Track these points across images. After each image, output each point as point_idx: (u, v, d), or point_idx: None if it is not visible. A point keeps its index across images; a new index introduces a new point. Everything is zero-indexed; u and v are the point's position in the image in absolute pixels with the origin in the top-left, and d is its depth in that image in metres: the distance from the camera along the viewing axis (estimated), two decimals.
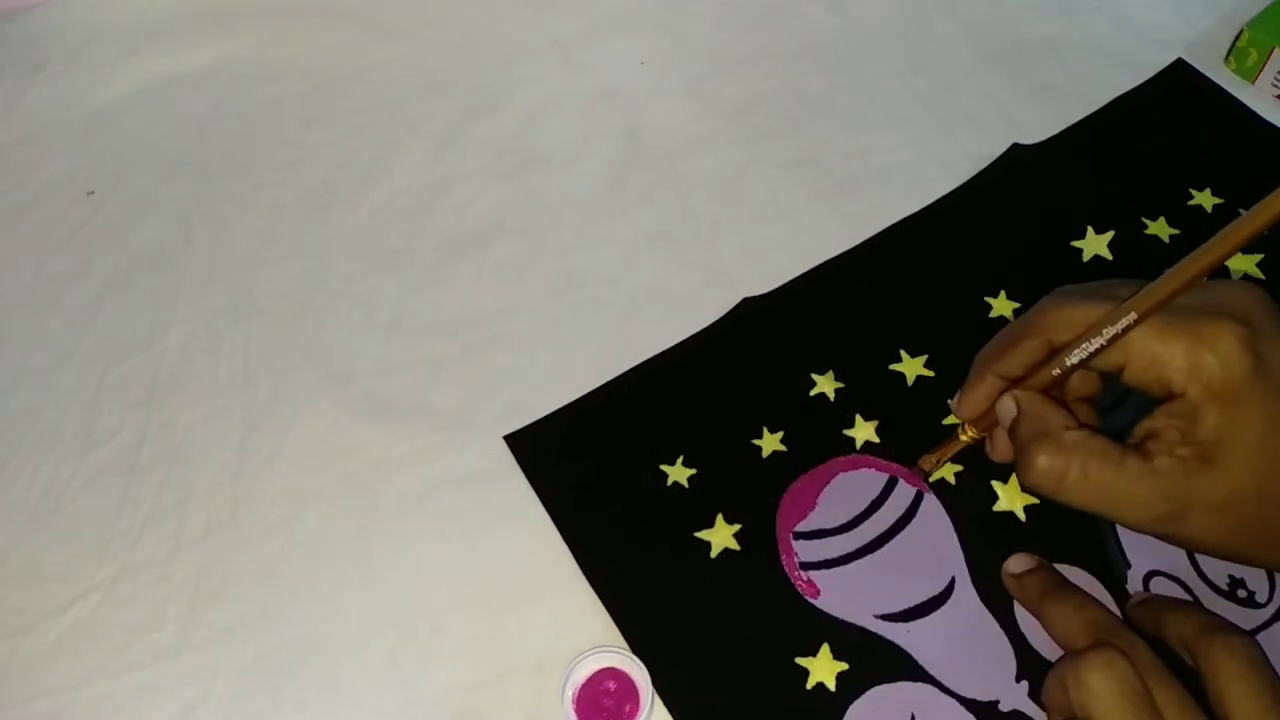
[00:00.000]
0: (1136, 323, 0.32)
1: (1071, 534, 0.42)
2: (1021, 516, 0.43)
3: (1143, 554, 0.42)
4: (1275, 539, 0.32)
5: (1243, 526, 0.32)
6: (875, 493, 0.44)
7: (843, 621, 0.41)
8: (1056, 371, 0.35)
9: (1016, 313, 0.49)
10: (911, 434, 0.44)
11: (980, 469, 0.44)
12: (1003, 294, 0.49)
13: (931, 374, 0.47)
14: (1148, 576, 0.41)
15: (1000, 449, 0.37)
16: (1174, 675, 0.34)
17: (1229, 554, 0.34)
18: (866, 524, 0.43)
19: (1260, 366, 0.31)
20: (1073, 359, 0.34)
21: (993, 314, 0.49)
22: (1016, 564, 0.40)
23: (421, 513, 0.46)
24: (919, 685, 0.39)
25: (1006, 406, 0.36)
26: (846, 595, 0.42)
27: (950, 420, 0.45)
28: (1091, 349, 0.34)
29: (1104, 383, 0.38)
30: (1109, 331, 0.33)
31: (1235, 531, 0.32)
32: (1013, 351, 0.36)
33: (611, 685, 0.40)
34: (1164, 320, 0.33)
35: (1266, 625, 0.40)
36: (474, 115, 0.60)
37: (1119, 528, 0.42)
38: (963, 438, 0.40)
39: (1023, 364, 0.36)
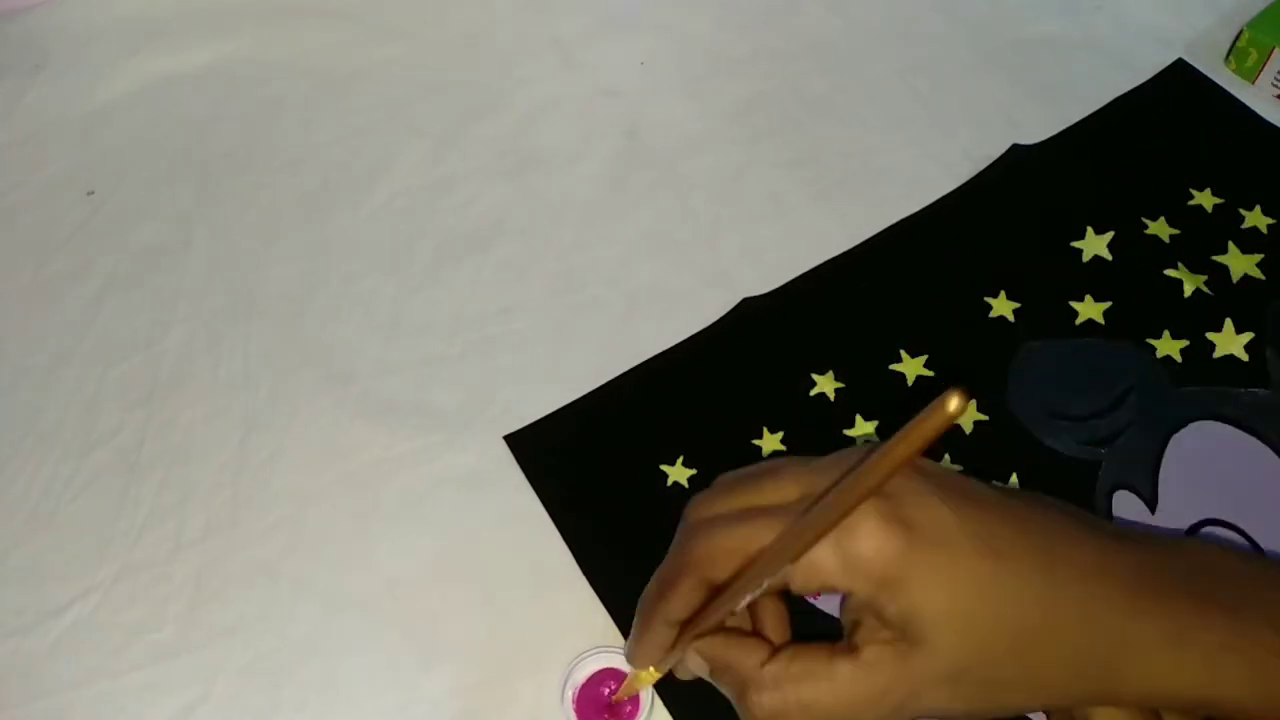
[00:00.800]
0: (797, 555, 0.29)
1: None
2: None
3: None
4: (1018, 689, 0.30)
5: (979, 690, 0.29)
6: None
7: (837, 620, 0.41)
8: (722, 615, 0.32)
9: (1016, 313, 0.49)
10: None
11: (978, 470, 0.44)
12: (1003, 294, 0.49)
13: (931, 374, 0.47)
14: None
15: (689, 666, 0.34)
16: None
17: (980, 717, 0.30)
18: None
19: (911, 534, 0.28)
20: (737, 603, 0.31)
21: (992, 314, 0.49)
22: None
23: (421, 513, 0.46)
24: None
25: (695, 662, 0.33)
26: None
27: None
28: (752, 595, 0.30)
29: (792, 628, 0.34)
30: (766, 578, 0.30)
31: (973, 696, 0.29)
32: (672, 595, 0.32)
33: (611, 685, 0.40)
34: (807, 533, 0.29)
35: None
36: (474, 115, 0.60)
37: None
38: (644, 676, 0.37)
39: (686, 606, 0.32)
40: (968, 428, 0.46)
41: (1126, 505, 0.43)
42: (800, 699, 0.30)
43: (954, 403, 0.23)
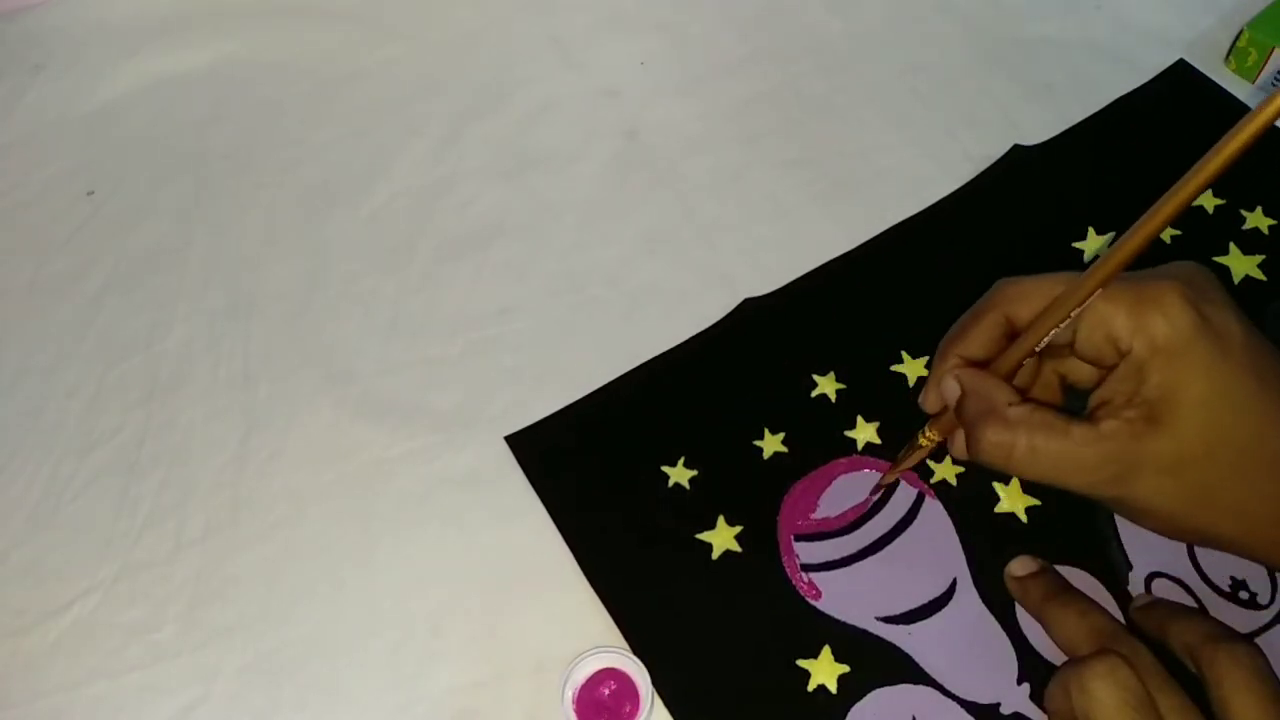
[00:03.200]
0: (1094, 293, 0.32)
1: (1073, 535, 0.42)
2: (1023, 518, 0.43)
3: (1144, 556, 0.42)
4: (1224, 506, 0.32)
5: (1191, 491, 0.31)
6: (876, 493, 0.44)
7: (844, 623, 0.41)
8: (1021, 355, 0.34)
9: None
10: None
11: (981, 471, 0.44)
12: None
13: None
14: (1149, 578, 0.41)
15: (959, 446, 0.36)
16: (1177, 683, 0.34)
17: (1179, 522, 0.33)
18: (868, 526, 0.43)
19: (1204, 326, 0.31)
20: (1031, 345, 0.34)
21: None
22: (1020, 567, 0.40)
23: (421, 513, 0.46)
24: (920, 688, 0.39)
25: (950, 386, 0.35)
26: (848, 597, 0.42)
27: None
28: (1055, 328, 0.33)
29: (1064, 395, 0.37)
30: (1069, 308, 0.32)
31: (1184, 496, 0.32)
32: (973, 330, 0.35)
33: (611, 685, 0.40)
34: (1111, 285, 0.32)
35: (1268, 627, 0.40)
36: (474, 115, 0.60)
37: (1120, 530, 0.42)
38: (923, 441, 0.39)
39: (983, 342, 0.35)
40: None
41: None
42: (1030, 441, 0.32)
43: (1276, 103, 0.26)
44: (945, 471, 0.44)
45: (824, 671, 0.40)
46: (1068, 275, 0.34)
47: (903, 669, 0.40)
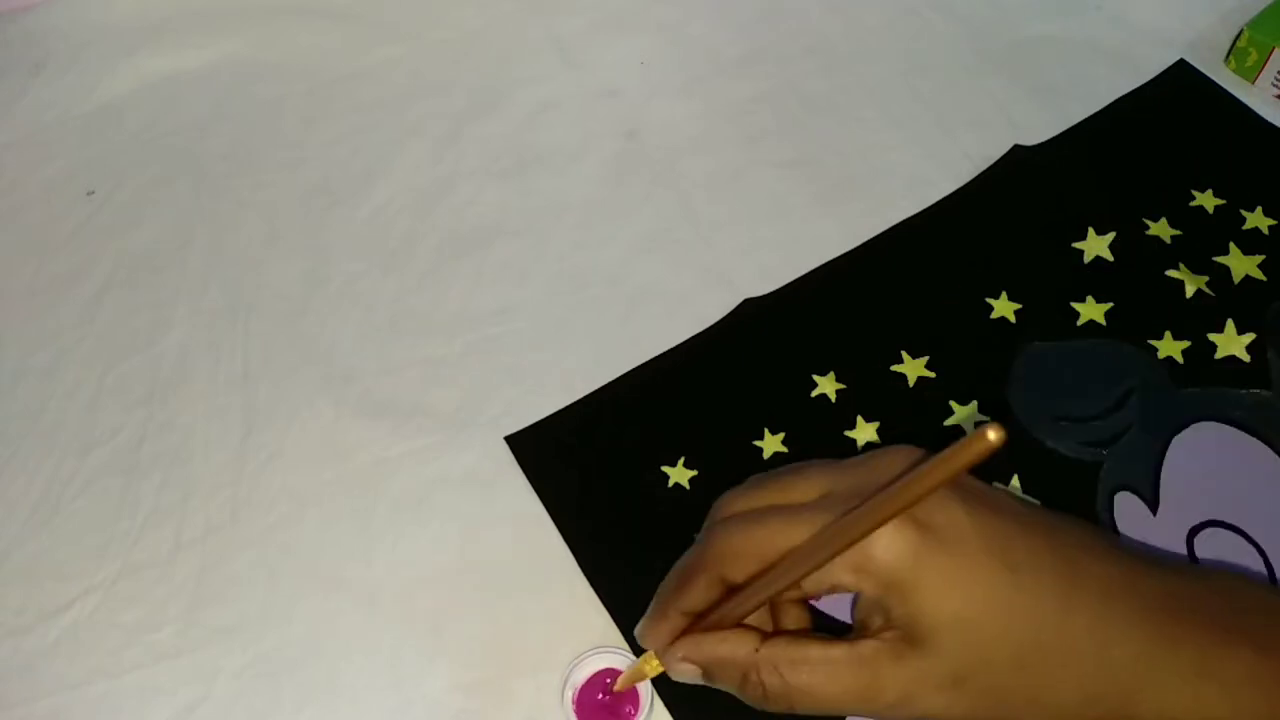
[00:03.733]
0: (811, 570, 0.29)
1: None
2: None
3: None
4: (1024, 705, 0.29)
5: (982, 700, 0.29)
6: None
7: (844, 624, 0.41)
8: (742, 613, 0.32)
9: (1018, 314, 0.49)
10: (913, 435, 0.44)
11: (981, 471, 0.44)
12: (1004, 295, 0.49)
13: (933, 375, 0.47)
14: None
15: (682, 672, 0.33)
16: None
17: None
18: None
19: (926, 537, 0.28)
20: (750, 606, 0.31)
21: (994, 315, 0.49)
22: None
23: (421, 513, 0.46)
24: None
25: (689, 672, 0.33)
26: (847, 597, 0.42)
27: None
28: (765, 599, 0.31)
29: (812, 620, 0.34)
30: (780, 585, 0.30)
31: (977, 707, 0.29)
32: (689, 589, 0.32)
33: (611, 685, 0.40)
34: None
35: None
36: (474, 115, 0.60)
37: (1120, 531, 0.42)
38: (648, 667, 0.36)
39: (701, 600, 0.32)
40: (969, 429, 0.46)
41: (1128, 507, 0.43)
42: (799, 682, 0.30)
43: (993, 434, 0.23)
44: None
45: None
46: (784, 523, 0.30)
47: None
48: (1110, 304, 0.49)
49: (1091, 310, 0.48)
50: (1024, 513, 0.30)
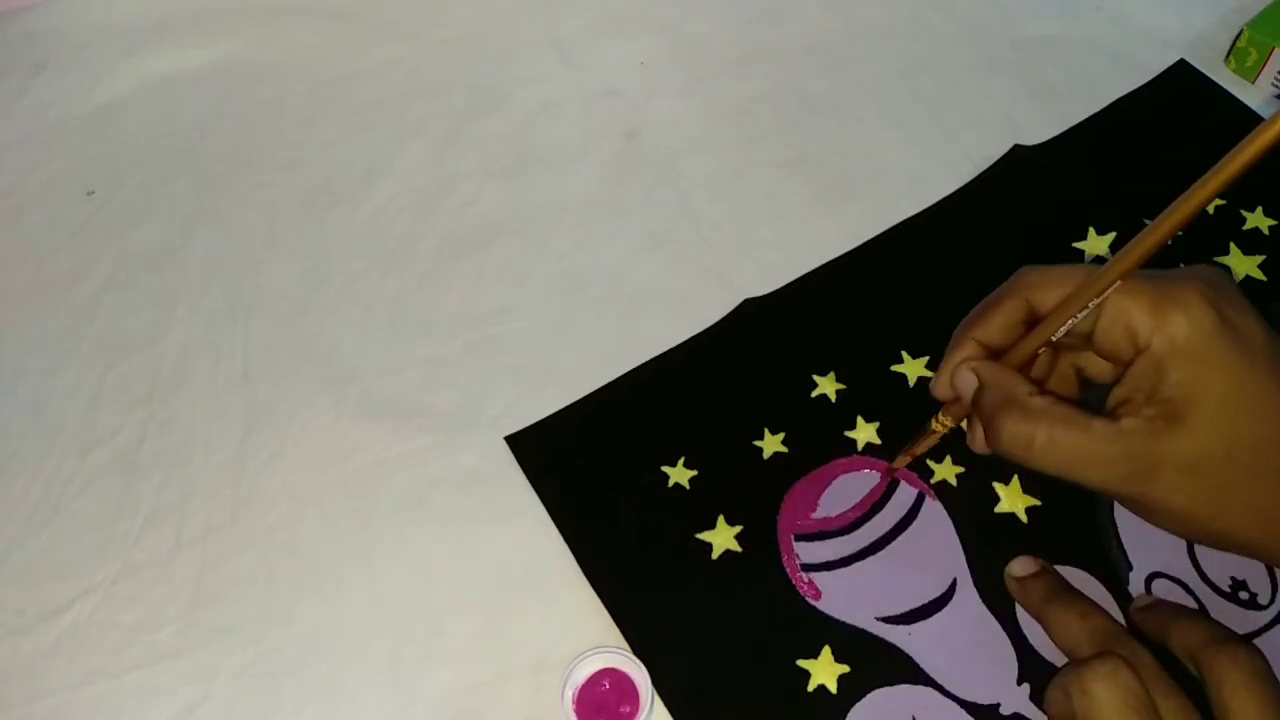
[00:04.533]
0: (1115, 286, 0.32)
1: (1073, 535, 0.42)
2: (1023, 518, 0.43)
3: (1145, 556, 0.41)
4: (1242, 508, 0.32)
5: (1211, 492, 0.31)
6: (876, 494, 0.44)
7: (844, 624, 0.41)
8: (1040, 342, 0.34)
9: None
10: (913, 436, 0.44)
11: (982, 471, 0.44)
12: None
13: (933, 375, 0.47)
14: (1150, 578, 0.41)
15: (978, 439, 0.35)
16: (1178, 685, 0.34)
17: (1197, 523, 0.32)
18: (868, 526, 0.43)
19: (1224, 327, 0.31)
20: (1050, 333, 0.33)
21: None
22: (1020, 567, 0.40)
23: (421, 513, 0.46)
24: (920, 688, 0.39)
25: (966, 379, 0.35)
26: (848, 597, 0.42)
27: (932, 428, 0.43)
28: (1074, 316, 0.33)
29: (1082, 389, 0.37)
30: (1089, 297, 0.32)
31: (1203, 497, 0.31)
32: (993, 313, 0.35)
33: (611, 685, 0.40)
34: (1132, 279, 0.32)
35: (1268, 627, 0.40)
36: (474, 115, 0.60)
37: (1120, 530, 0.42)
38: (935, 427, 0.39)
39: (1002, 328, 0.35)
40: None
41: None
42: (1050, 434, 0.32)
43: None
44: (945, 472, 0.44)
45: (824, 672, 0.40)
46: (1090, 266, 0.33)
47: (903, 669, 0.40)
48: None
49: None
50: None
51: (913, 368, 0.48)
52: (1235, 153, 0.28)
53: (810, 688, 0.40)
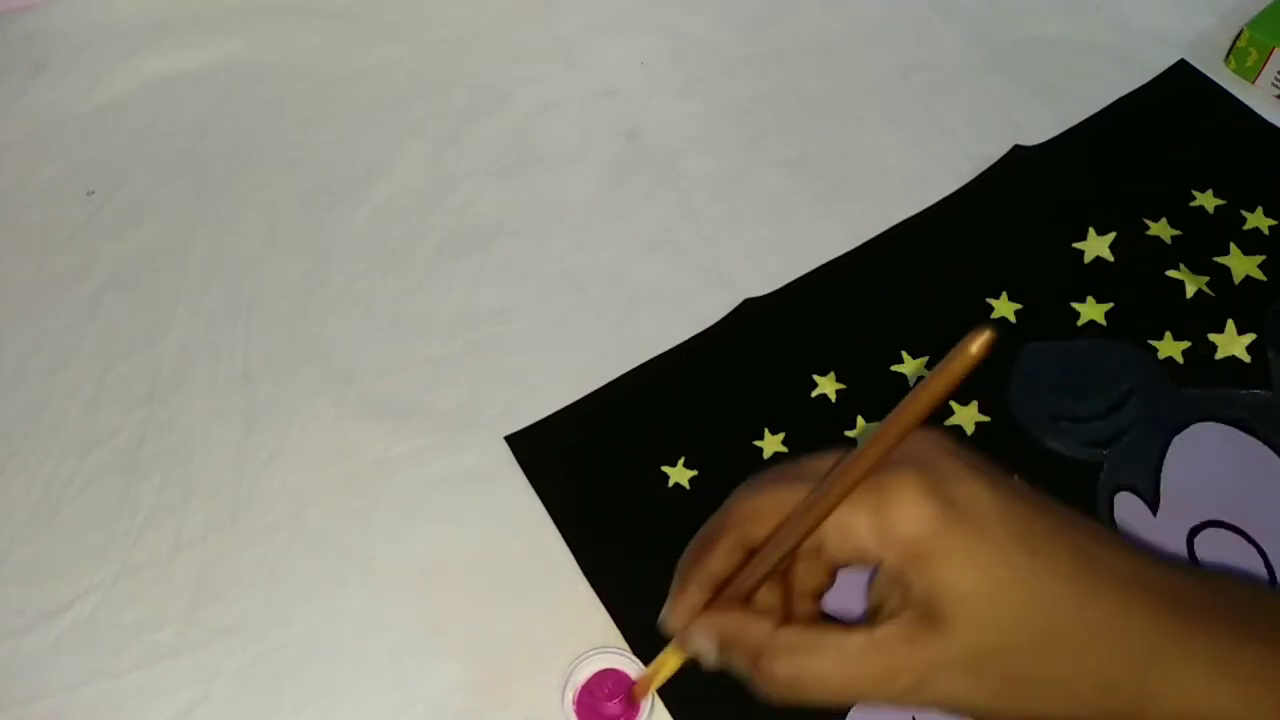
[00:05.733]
0: (828, 513, 0.29)
1: None
2: None
3: None
4: (1042, 691, 0.29)
5: (999, 685, 0.29)
6: None
7: (843, 624, 0.41)
8: (763, 574, 0.32)
9: (1018, 314, 0.49)
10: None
11: None
12: (1004, 295, 0.49)
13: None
14: None
15: (698, 644, 0.33)
16: None
17: (1005, 715, 0.29)
18: None
19: (949, 513, 0.28)
20: (772, 561, 0.31)
21: (994, 315, 0.49)
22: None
23: (421, 513, 0.46)
24: None
25: (703, 644, 0.32)
26: (848, 597, 0.42)
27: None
28: (786, 553, 0.31)
29: (834, 579, 0.34)
30: (802, 529, 0.30)
31: (993, 691, 0.29)
32: (710, 555, 0.32)
33: (611, 685, 0.40)
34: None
35: None
36: (474, 115, 0.60)
37: (1121, 530, 0.42)
38: (670, 660, 0.35)
39: (722, 566, 0.32)
40: (969, 429, 0.46)
41: (1128, 507, 0.43)
42: (813, 669, 0.30)
43: (978, 344, 0.24)
44: None
45: None
46: (805, 487, 0.30)
47: None
48: (1110, 304, 0.49)
49: (1092, 310, 0.48)
50: (1040, 500, 0.30)
51: (912, 368, 0.48)
52: (932, 377, 0.26)
53: None
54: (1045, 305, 0.49)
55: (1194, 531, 0.42)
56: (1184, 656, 0.28)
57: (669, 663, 0.36)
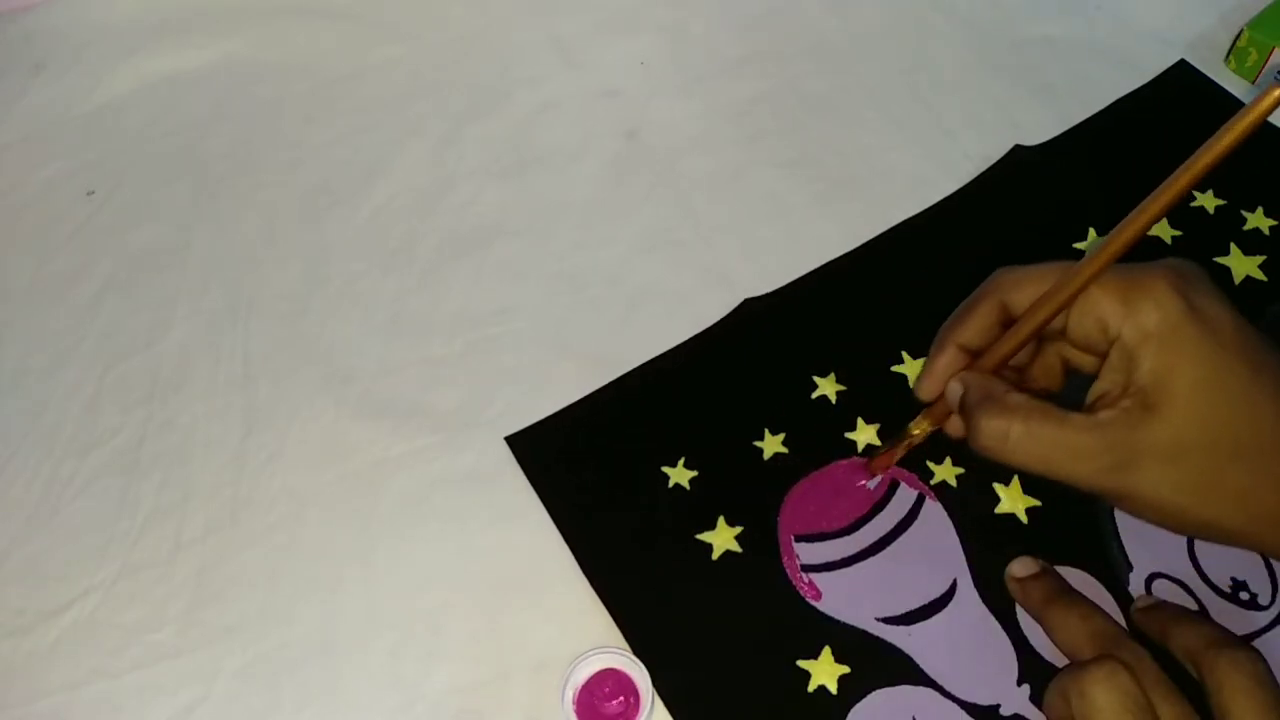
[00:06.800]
0: (1088, 282, 0.33)
1: (1073, 536, 0.42)
2: (1023, 519, 0.43)
3: (1145, 556, 0.42)
4: (1228, 497, 0.31)
5: (1193, 480, 0.31)
6: (877, 495, 0.44)
7: (844, 624, 0.41)
8: (1016, 343, 0.35)
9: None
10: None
11: (982, 472, 0.44)
12: None
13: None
14: (1150, 579, 0.41)
15: (954, 427, 0.37)
16: (1178, 689, 0.34)
17: (1183, 515, 0.32)
18: (868, 527, 0.43)
19: (1192, 313, 0.31)
20: (1025, 331, 0.34)
21: None
22: (1020, 568, 0.40)
23: (421, 513, 0.46)
24: (920, 689, 0.39)
25: (953, 389, 0.36)
26: (848, 598, 0.42)
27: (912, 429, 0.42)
28: (1049, 314, 0.34)
29: (1065, 380, 0.37)
30: (1063, 297, 0.33)
31: (1186, 486, 0.31)
32: (970, 317, 0.36)
33: (611, 685, 0.40)
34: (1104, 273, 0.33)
35: (1269, 628, 0.40)
36: (474, 115, 0.60)
37: (1120, 530, 0.42)
38: (914, 431, 0.39)
39: (979, 329, 0.36)
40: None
41: None
42: (1026, 427, 0.32)
43: (1272, 96, 0.27)
44: (945, 473, 0.44)
45: (824, 672, 0.40)
46: (1064, 264, 0.34)
47: (903, 670, 0.40)
48: None
49: None
50: (1261, 333, 0.33)
51: (912, 368, 0.48)
52: (1212, 142, 0.29)
53: (810, 688, 0.40)
54: None
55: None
56: None
57: (915, 433, 0.39)
